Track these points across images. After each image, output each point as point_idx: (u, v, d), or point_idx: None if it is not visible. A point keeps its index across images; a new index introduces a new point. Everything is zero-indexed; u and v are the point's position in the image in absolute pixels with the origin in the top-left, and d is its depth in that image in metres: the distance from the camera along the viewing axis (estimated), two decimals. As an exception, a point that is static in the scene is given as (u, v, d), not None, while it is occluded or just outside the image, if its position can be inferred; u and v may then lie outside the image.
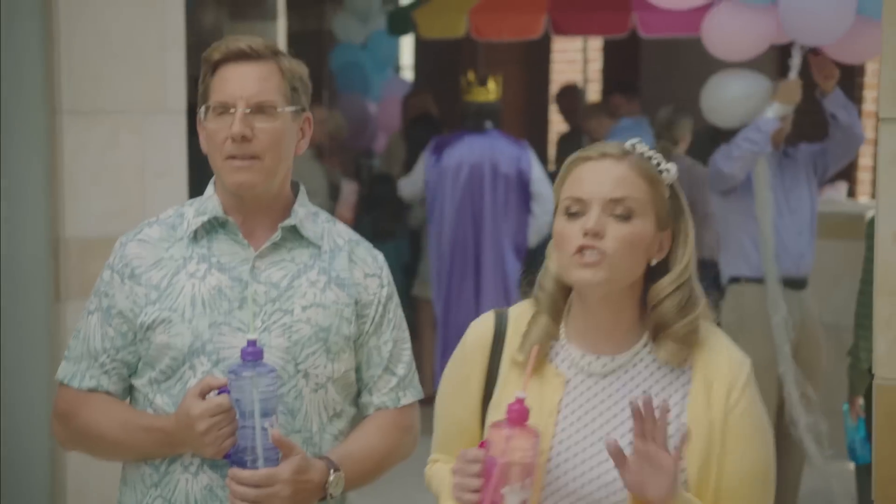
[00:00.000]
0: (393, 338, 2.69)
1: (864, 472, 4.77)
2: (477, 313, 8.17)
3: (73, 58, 4.74)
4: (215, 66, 2.54)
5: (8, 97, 4.66)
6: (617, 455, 2.10)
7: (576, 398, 2.25)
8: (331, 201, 7.94)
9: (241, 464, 2.43)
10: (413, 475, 2.71)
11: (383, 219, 8.15)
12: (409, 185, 7.63)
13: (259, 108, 2.52)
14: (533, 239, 7.36)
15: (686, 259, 2.23)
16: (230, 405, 2.42)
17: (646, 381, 2.25)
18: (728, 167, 5.53)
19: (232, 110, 2.50)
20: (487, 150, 7.25)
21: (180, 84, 5.06)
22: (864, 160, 8.95)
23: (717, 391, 2.21)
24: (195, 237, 2.59)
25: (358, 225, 8.16)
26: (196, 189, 2.75)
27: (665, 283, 2.22)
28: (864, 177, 9.03)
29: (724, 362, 2.24)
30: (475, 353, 2.37)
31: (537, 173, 7.30)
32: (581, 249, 2.18)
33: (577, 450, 2.22)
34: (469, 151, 7.28)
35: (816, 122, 5.97)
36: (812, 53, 5.54)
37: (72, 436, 2.65)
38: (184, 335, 2.53)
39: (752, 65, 6.08)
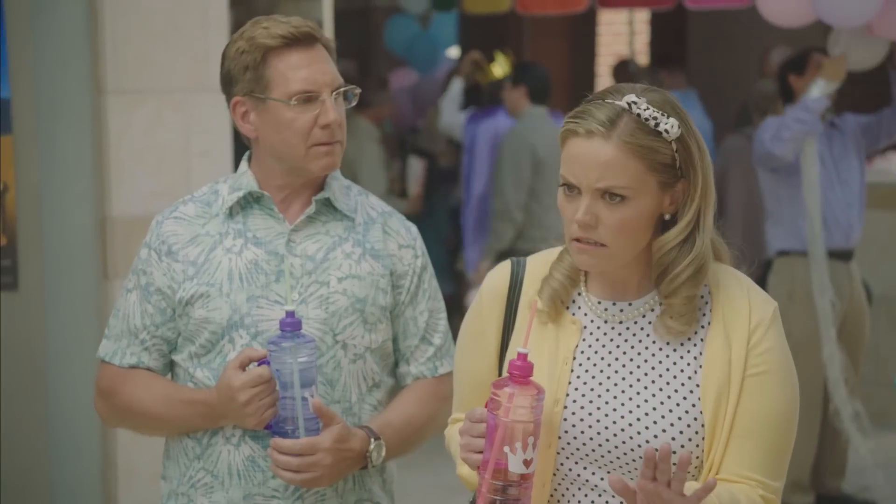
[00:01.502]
0: (429, 308, 2.71)
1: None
2: None
3: (117, 38, 4.76)
4: (266, 51, 2.53)
5: (53, 78, 4.69)
6: (623, 491, 2.03)
7: (592, 344, 2.21)
8: (394, 180, 7.96)
9: (283, 434, 2.46)
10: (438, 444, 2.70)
11: (429, 196, 8.19)
12: (449, 116, 7.75)
13: (340, 94, 2.56)
14: None
15: (692, 213, 2.12)
16: (270, 376, 2.45)
17: (661, 338, 2.19)
18: (779, 149, 5.48)
19: (321, 98, 2.52)
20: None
21: (224, 63, 5.06)
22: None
23: (737, 331, 2.15)
24: (230, 213, 2.62)
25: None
26: (238, 166, 2.76)
27: (670, 238, 2.14)
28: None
29: (743, 303, 2.16)
30: (492, 302, 2.30)
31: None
32: (578, 239, 2.13)
33: (593, 396, 2.17)
34: (500, 128, 7.37)
35: (865, 93, 5.92)
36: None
37: (115, 412, 2.68)
38: (222, 309, 2.56)
39: (801, 36, 6.02)
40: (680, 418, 2.13)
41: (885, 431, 7.00)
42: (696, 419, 2.13)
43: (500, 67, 7.48)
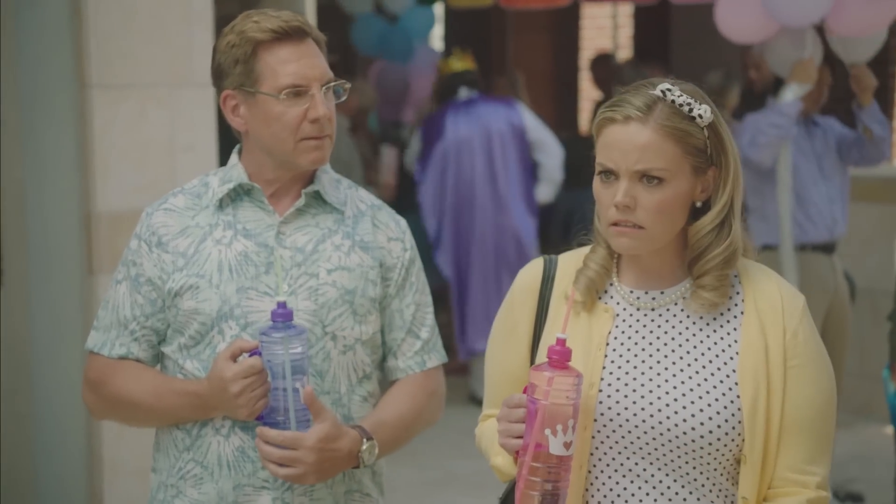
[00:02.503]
0: (416, 301, 2.73)
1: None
2: (497, 281, 8.16)
3: (101, 32, 4.75)
4: (256, 45, 2.55)
5: (37, 73, 4.67)
6: None
7: (624, 331, 2.26)
8: (367, 171, 7.96)
9: (274, 425, 2.46)
10: (448, 443, 2.72)
11: (408, 187, 8.19)
12: (410, 157, 7.85)
13: (329, 88, 2.58)
14: (544, 191, 7.38)
15: (725, 198, 2.22)
16: (262, 366, 2.45)
17: (696, 313, 2.25)
18: (756, 155, 5.50)
19: (311, 92, 2.54)
20: (474, 117, 7.36)
21: (207, 58, 5.03)
22: (899, 123, 8.87)
23: (771, 321, 2.21)
24: (220, 205, 2.63)
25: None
26: (225, 162, 2.77)
27: (705, 222, 2.22)
28: (898, 140, 8.94)
29: (775, 295, 2.24)
30: (524, 297, 2.37)
31: (531, 122, 7.34)
32: (616, 223, 2.20)
33: (627, 380, 2.22)
34: (456, 125, 7.41)
35: (843, 89, 5.93)
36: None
37: (103, 404, 2.68)
38: (212, 300, 2.57)
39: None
40: (717, 399, 2.18)
41: (869, 424, 7.04)
42: (732, 402, 2.18)
43: (458, 61, 7.57)
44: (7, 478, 4.67)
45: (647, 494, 2.21)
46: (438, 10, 10.09)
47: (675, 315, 2.26)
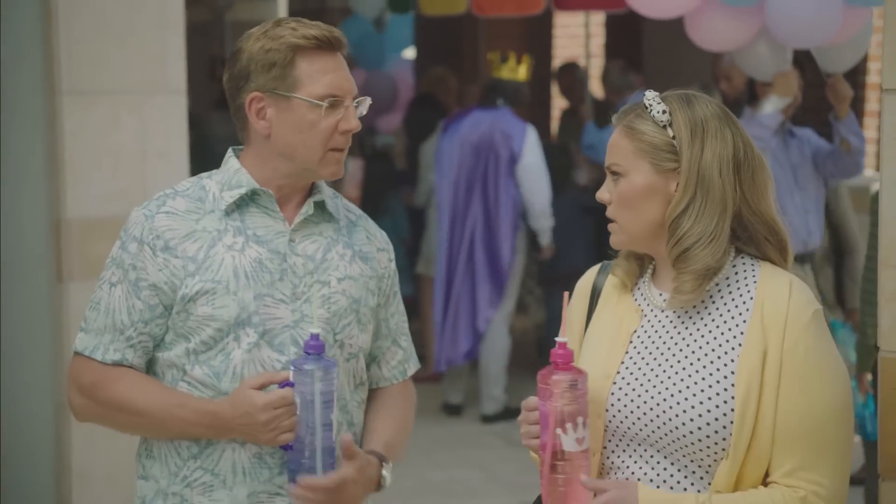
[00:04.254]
0: (399, 310, 2.78)
1: (871, 448, 4.77)
2: (472, 294, 8.15)
3: (73, 38, 4.73)
4: (296, 51, 2.54)
5: (7, 79, 4.65)
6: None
7: (647, 331, 2.40)
8: (334, 182, 7.95)
9: (298, 454, 2.48)
10: (422, 451, 2.76)
11: (381, 196, 8.19)
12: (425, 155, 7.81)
13: (359, 103, 2.60)
14: (530, 215, 7.36)
15: (678, 196, 2.31)
16: (293, 399, 2.47)
17: (710, 315, 2.35)
18: None
19: (345, 104, 2.56)
20: (488, 127, 7.28)
21: (180, 64, 5.04)
22: (870, 132, 8.92)
23: (773, 323, 2.28)
24: (227, 210, 2.60)
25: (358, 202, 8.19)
26: (196, 169, 2.74)
27: (661, 216, 2.35)
28: (869, 149, 8.98)
29: (783, 302, 2.29)
30: (578, 299, 2.55)
31: (528, 149, 7.28)
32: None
33: (639, 374, 2.36)
34: (470, 128, 7.33)
35: (820, 96, 5.96)
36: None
37: (96, 409, 2.62)
38: (230, 307, 2.54)
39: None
40: (711, 398, 2.27)
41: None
42: (726, 402, 2.27)
43: (511, 69, 7.43)
44: (-25, 486, 4.64)
45: (651, 481, 2.33)
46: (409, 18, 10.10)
47: (690, 317, 2.37)
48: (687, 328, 2.36)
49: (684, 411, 2.28)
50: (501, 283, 7.36)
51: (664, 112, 2.33)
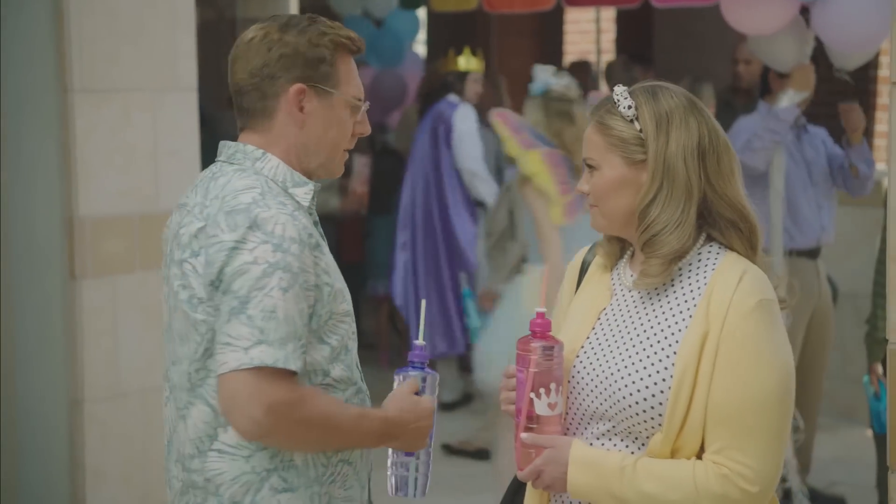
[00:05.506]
0: None
1: (882, 441, 4.77)
2: (437, 280, 8.26)
3: (84, 36, 4.74)
4: (338, 50, 2.58)
5: (19, 77, 4.66)
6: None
7: (615, 309, 2.51)
8: (341, 178, 7.98)
9: (408, 456, 2.62)
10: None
11: (388, 192, 8.22)
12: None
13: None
14: (481, 191, 7.44)
15: (646, 187, 2.41)
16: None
17: (667, 297, 2.45)
18: (752, 160, 5.51)
19: (363, 108, 2.63)
20: (437, 117, 7.52)
21: (191, 62, 5.05)
22: (881, 126, 8.90)
23: (717, 308, 2.36)
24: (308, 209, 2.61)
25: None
26: (208, 166, 2.71)
27: (638, 199, 2.45)
28: (880, 143, 8.96)
29: (731, 285, 2.37)
30: (570, 274, 2.68)
31: (458, 119, 7.46)
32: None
33: (598, 350, 2.47)
34: (424, 122, 7.63)
35: (832, 90, 5.95)
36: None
37: (287, 427, 2.42)
38: (348, 300, 2.58)
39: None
40: (650, 374, 2.38)
41: (851, 427, 7.05)
42: (664, 380, 2.37)
43: (452, 62, 7.60)
44: (-10, 484, 4.66)
45: (608, 451, 2.43)
46: (422, 14, 10.10)
47: (651, 297, 2.47)
48: (646, 309, 2.46)
49: (626, 385, 2.39)
50: (460, 254, 7.45)
51: (630, 107, 2.43)
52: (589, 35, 11.72)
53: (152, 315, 4.96)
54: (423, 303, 2.59)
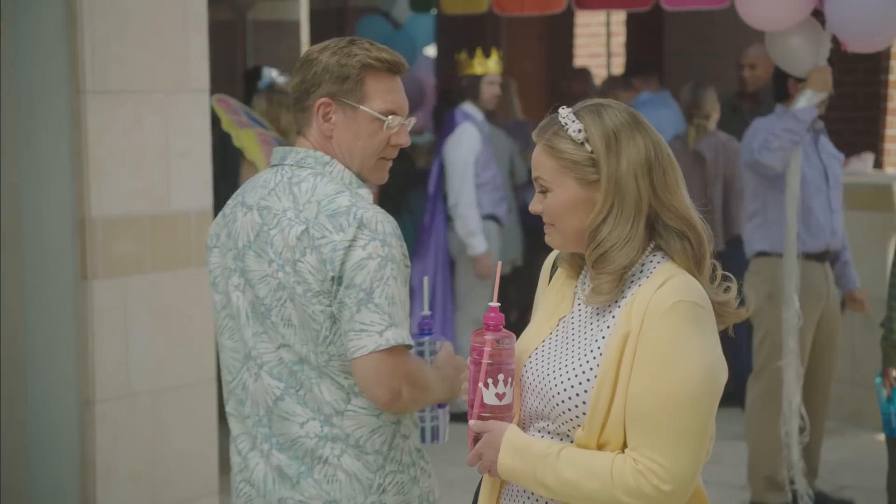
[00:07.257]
0: None
1: (894, 444, 4.76)
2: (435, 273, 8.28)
3: (96, 38, 4.76)
4: (367, 69, 2.87)
5: (32, 78, 4.68)
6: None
7: (572, 319, 2.58)
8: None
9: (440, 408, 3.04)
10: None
11: (400, 194, 8.27)
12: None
13: (409, 121, 2.96)
14: (474, 245, 7.46)
15: (599, 206, 2.46)
16: None
17: (614, 308, 2.50)
18: (769, 159, 5.51)
19: (400, 121, 2.91)
20: (446, 126, 7.56)
21: (203, 64, 5.07)
22: (891, 131, 8.89)
23: (637, 310, 2.42)
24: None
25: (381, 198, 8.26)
26: (219, 167, 2.78)
27: (590, 219, 2.49)
28: (890, 147, 8.96)
29: (653, 288, 2.43)
30: (543, 273, 2.75)
31: (450, 157, 7.47)
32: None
33: (546, 351, 2.55)
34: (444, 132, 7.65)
35: (843, 94, 5.95)
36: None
37: (417, 394, 2.84)
38: None
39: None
40: (576, 375, 2.47)
41: (860, 431, 7.05)
42: (588, 380, 2.45)
43: (465, 65, 7.56)
44: (2, 483, 4.67)
45: (540, 439, 2.52)
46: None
47: (602, 309, 2.53)
48: (597, 320, 2.52)
49: (556, 385, 2.48)
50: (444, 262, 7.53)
51: (580, 131, 2.46)
52: (599, 38, 11.72)
53: (163, 316, 4.98)
54: (426, 280, 2.92)
